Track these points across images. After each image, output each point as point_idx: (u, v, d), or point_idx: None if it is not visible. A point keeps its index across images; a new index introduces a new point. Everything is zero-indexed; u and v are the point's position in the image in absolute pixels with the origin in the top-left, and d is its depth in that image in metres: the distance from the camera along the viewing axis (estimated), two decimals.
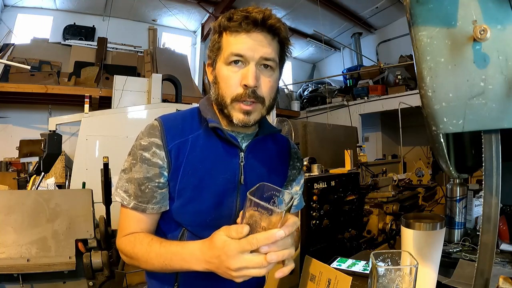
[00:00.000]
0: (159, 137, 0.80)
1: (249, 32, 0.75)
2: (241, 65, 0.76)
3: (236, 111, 0.78)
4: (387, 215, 2.59)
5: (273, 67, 0.79)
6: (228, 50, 0.76)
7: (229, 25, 0.76)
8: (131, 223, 0.82)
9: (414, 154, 6.33)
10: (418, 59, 0.51)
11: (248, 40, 0.75)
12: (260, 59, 0.75)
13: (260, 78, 0.76)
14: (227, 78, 0.77)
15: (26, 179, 3.70)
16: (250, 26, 0.74)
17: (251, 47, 0.75)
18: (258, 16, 0.74)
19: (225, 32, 0.78)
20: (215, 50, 0.80)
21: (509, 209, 1.16)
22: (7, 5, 5.67)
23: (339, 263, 1.08)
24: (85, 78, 5.46)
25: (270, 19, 0.75)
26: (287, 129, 3.32)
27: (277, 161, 0.93)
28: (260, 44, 0.75)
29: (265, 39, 0.76)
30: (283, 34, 0.79)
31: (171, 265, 0.72)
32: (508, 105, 0.47)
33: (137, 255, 0.77)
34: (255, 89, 0.76)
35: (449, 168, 0.58)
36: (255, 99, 0.76)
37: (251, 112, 0.77)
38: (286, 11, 6.83)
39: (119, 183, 0.83)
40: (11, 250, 1.71)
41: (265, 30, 0.76)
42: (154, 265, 0.74)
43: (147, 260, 0.75)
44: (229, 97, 0.77)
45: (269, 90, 0.79)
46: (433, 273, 0.73)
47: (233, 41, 0.76)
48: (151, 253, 0.74)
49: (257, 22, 0.74)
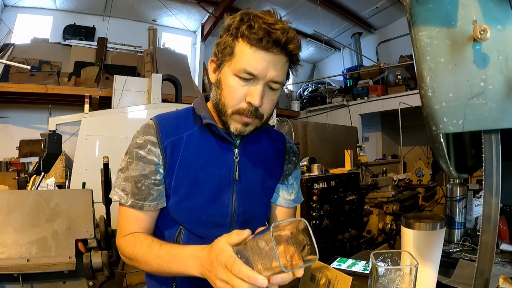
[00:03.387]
0: (154, 135, 0.81)
1: (268, 50, 0.72)
2: (250, 81, 0.75)
3: (235, 121, 0.78)
4: (387, 215, 2.59)
5: (278, 89, 0.79)
6: (242, 64, 0.73)
7: (248, 36, 0.72)
8: (130, 222, 0.82)
9: (414, 154, 6.33)
10: (418, 59, 0.51)
11: (264, 60, 0.73)
12: (269, 81, 0.75)
13: (264, 97, 0.76)
14: (232, 89, 0.76)
15: (26, 179, 3.70)
16: (270, 44, 0.71)
17: (265, 68, 0.73)
18: (281, 37, 0.71)
19: (242, 39, 0.74)
20: (226, 54, 0.76)
21: (509, 209, 1.16)
22: (7, 5, 5.67)
23: (339, 263, 1.08)
24: (85, 78, 5.47)
25: (292, 43, 0.73)
26: (287, 129, 3.32)
27: (272, 156, 0.93)
28: (273, 67, 0.73)
29: (280, 61, 0.74)
30: (297, 57, 0.78)
31: (168, 267, 0.72)
32: (508, 105, 0.47)
33: (136, 257, 0.77)
34: (258, 108, 0.76)
35: (449, 168, 0.58)
36: (255, 116, 0.77)
37: (249, 124, 0.79)
38: (286, 11, 6.83)
39: (117, 182, 0.84)
40: (11, 250, 1.71)
41: (283, 53, 0.74)
42: (152, 266, 0.74)
43: (146, 261, 0.75)
44: (231, 109, 0.77)
45: (270, 108, 0.80)
46: (433, 273, 0.73)
47: (249, 56, 0.73)
48: (150, 255, 0.74)
49: (280, 43, 0.72)
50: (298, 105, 7.90)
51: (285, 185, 0.96)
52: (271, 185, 0.93)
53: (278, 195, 0.95)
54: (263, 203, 0.92)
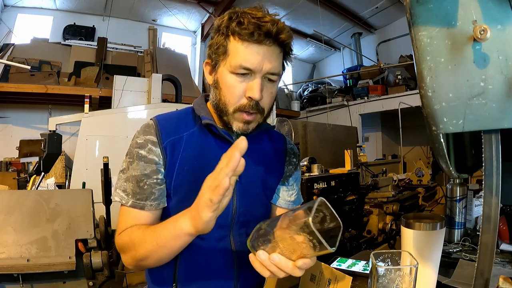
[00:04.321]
0: (154, 135, 0.81)
1: (260, 43, 0.73)
2: (247, 77, 0.76)
3: (237, 120, 0.79)
4: (387, 215, 2.59)
5: (276, 80, 0.79)
6: (237, 60, 0.74)
7: (239, 32, 0.73)
8: (129, 222, 0.81)
9: (414, 154, 6.33)
10: (418, 59, 0.51)
11: (259, 53, 0.74)
12: (266, 73, 0.76)
13: (263, 90, 0.77)
14: (231, 87, 0.77)
15: (26, 179, 3.70)
16: (262, 37, 0.73)
17: (260, 61, 0.74)
18: (271, 28, 0.72)
19: (233, 37, 0.75)
20: (220, 54, 0.77)
21: (509, 209, 1.16)
22: (7, 5, 5.68)
23: (339, 263, 1.08)
24: (85, 78, 5.47)
25: (282, 33, 0.74)
26: (287, 129, 3.31)
27: (273, 157, 0.93)
28: (268, 59, 0.74)
29: (274, 53, 0.75)
30: (290, 47, 0.79)
31: (162, 240, 0.70)
32: (508, 105, 0.47)
33: (133, 242, 0.75)
34: (259, 101, 0.77)
35: (449, 168, 0.58)
36: (257, 111, 0.77)
37: (251, 121, 0.79)
38: (286, 11, 6.83)
39: (118, 183, 0.83)
40: (11, 250, 1.72)
41: (276, 43, 0.75)
42: (147, 248, 0.72)
43: (141, 243, 0.73)
44: (232, 107, 0.77)
45: (270, 101, 0.81)
46: (433, 273, 0.73)
47: (243, 52, 0.74)
48: (145, 235, 0.73)
49: (271, 34, 0.73)
50: (298, 105, 7.91)
51: (286, 186, 0.96)
52: (271, 186, 0.93)
53: (278, 196, 0.95)
54: (263, 204, 0.92)
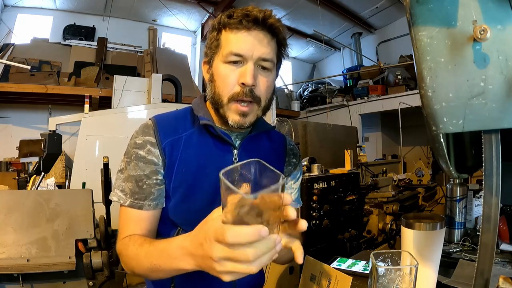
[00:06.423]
0: (153, 135, 0.81)
1: (249, 29, 0.75)
2: (239, 64, 0.76)
3: (232, 112, 0.78)
4: (387, 215, 2.59)
5: (270, 68, 0.79)
6: (228, 48, 0.76)
7: (229, 22, 0.76)
8: (129, 223, 0.81)
9: (414, 154, 6.32)
10: (418, 59, 0.51)
11: (248, 38, 0.75)
12: (258, 59, 0.76)
13: (257, 78, 0.77)
14: (224, 76, 0.77)
15: (26, 179, 3.70)
16: (250, 24, 0.75)
17: (250, 47, 0.75)
18: (259, 14, 0.75)
19: (224, 29, 0.78)
20: (213, 48, 0.80)
21: (509, 209, 1.16)
22: (7, 5, 5.67)
23: (339, 263, 1.08)
24: (85, 78, 5.46)
25: (270, 18, 0.76)
26: (287, 129, 3.31)
27: (272, 158, 0.93)
28: (259, 44, 0.75)
29: (264, 38, 0.76)
30: (282, 34, 0.80)
31: (160, 264, 0.64)
32: (508, 105, 0.47)
33: (130, 257, 0.73)
34: (253, 88, 0.76)
35: (449, 168, 0.58)
36: (252, 99, 0.77)
37: (247, 113, 0.78)
38: (286, 11, 6.83)
39: (116, 183, 0.83)
40: (11, 250, 1.71)
41: (265, 29, 0.76)
42: (144, 266, 0.68)
43: (137, 262, 0.70)
44: (226, 96, 0.77)
45: (266, 90, 0.79)
46: (433, 273, 0.73)
47: (233, 39, 0.76)
48: (140, 254, 0.69)
49: (258, 20, 0.75)
50: (298, 105, 7.90)
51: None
52: None
53: None
54: None
